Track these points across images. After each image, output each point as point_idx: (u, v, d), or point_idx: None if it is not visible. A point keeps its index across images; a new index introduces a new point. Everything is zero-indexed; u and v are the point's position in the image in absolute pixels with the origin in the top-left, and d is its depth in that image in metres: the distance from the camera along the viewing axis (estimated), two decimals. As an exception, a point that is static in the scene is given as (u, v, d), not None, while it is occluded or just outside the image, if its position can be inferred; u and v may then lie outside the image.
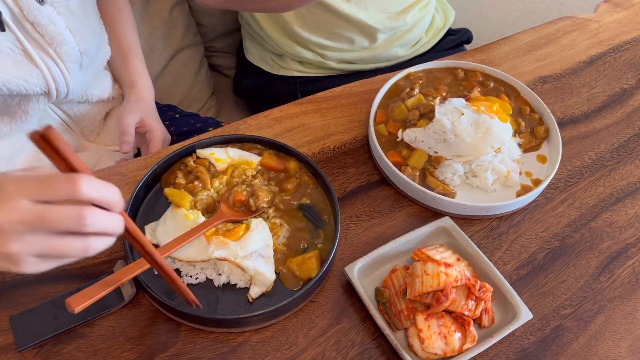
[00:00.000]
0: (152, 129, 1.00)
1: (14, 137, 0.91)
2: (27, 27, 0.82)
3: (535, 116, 0.98)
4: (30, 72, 0.83)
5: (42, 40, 0.84)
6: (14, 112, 0.88)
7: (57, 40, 0.85)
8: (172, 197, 0.80)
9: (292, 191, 0.83)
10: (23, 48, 0.82)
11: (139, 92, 1.06)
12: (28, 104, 0.88)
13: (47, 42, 0.84)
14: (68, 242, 0.51)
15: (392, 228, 0.85)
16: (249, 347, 0.72)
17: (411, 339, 0.72)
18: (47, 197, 0.50)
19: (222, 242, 0.74)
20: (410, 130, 0.91)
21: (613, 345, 0.76)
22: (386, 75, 1.05)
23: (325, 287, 0.78)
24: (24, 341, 0.69)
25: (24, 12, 0.80)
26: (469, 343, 0.71)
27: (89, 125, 1.03)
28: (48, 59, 0.85)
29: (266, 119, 0.96)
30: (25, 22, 0.81)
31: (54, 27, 0.84)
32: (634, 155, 0.99)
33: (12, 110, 0.87)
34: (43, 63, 0.84)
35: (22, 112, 0.88)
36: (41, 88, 0.86)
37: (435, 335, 0.70)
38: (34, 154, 0.95)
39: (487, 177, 0.88)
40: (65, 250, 0.51)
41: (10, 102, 0.86)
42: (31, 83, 0.84)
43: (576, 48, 1.17)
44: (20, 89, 0.83)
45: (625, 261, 0.85)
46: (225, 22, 1.51)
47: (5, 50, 0.80)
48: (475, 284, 0.72)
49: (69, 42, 0.87)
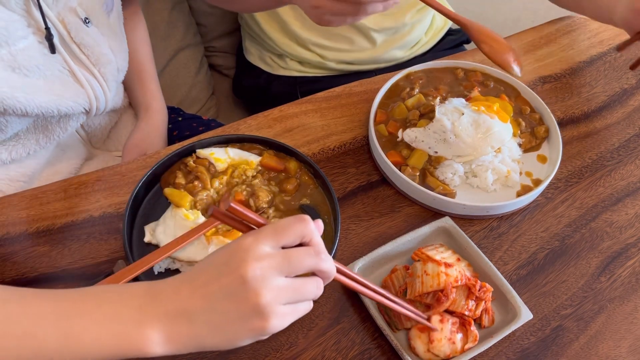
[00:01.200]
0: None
1: (39, 154, 0.92)
2: (74, 48, 0.83)
3: (536, 116, 0.98)
4: (77, 92, 0.85)
5: (88, 61, 0.85)
6: (52, 130, 0.89)
7: (102, 60, 0.86)
8: (172, 197, 0.80)
9: (292, 192, 0.83)
10: (70, 69, 0.83)
11: (152, 117, 1.07)
12: (68, 122, 0.89)
13: (92, 63, 0.86)
14: (306, 283, 0.53)
15: (392, 228, 0.85)
16: (249, 347, 0.72)
17: (413, 340, 0.71)
18: (284, 240, 0.51)
19: (222, 242, 0.74)
20: (411, 130, 0.91)
21: (613, 345, 0.76)
22: (386, 75, 1.05)
23: (325, 287, 0.77)
24: (23, 341, 0.68)
25: (71, 34, 0.82)
26: (471, 342, 0.71)
27: (98, 134, 1.04)
28: (92, 79, 0.86)
29: (266, 119, 0.96)
30: (72, 43, 0.82)
31: (99, 47, 0.85)
32: (634, 155, 0.99)
33: (50, 129, 0.88)
34: (87, 83, 0.86)
35: (61, 130, 0.89)
36: (85, 107, 0.87)
37: (445, 339, 0.70)
38: (50, 167, 0.95)
39: (487, 177, 0.88)
40: (305, 292, 0.52)
41: (50, 122, 0.87)
42: (78, 103, 0.85)
43: (576, 48, 1.17)
44: (68, 109, 0.84)
45: (626, 261, 0.85)
46: (225, 22, 1.51)
47: (56, 73, 0.81)
48: (475, 284, 0.72)
49: (111, 61, 0.88)
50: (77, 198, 0.83)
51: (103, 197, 0.84)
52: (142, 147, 1.03)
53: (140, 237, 0.78)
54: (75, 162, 0.99)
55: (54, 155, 0.96)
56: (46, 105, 0.80)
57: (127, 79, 1.09)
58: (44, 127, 0.87)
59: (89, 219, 0.81)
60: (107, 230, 0.80)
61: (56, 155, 0.96)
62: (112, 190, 0.85)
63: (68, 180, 0.85)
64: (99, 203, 0.83)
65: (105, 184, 0.85)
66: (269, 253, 0.50)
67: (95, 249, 0.78)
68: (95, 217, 0.81)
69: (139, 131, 1.05)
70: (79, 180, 0.85)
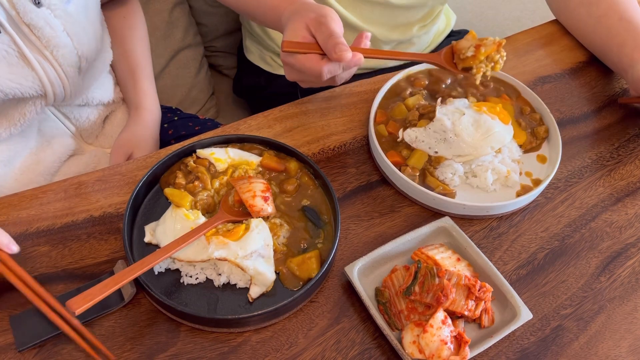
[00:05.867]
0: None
1: (12, 140, 0.91)
2: (24, 29, 0.81)
3: (536, 116, 0.98)
4: (25, 74, 0.83)
5: (39, 42, 0.83)
6: (11, 115, 0.88)
7: (54, 43, 0.84)
8: (173, 197, 0.80)
9: (292, 192, 0.83)
10: (19, 50, 0.82)
11: (142, 116, 1.07)
12: (24, 106, 0.87)
13: (44, 45, 0.84)
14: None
15: (392, 228, 0.85)
16: (249, 347, 0.72)
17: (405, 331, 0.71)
18: None
19: (222, 242, 0.74)
20: (411, 130, 0.91)
21: (613, 345, 0.76)
22: (386, 75, 1.05)
23: (325, 287, 0.78)
24: (24, 341, 0.69)
25: (20, 14, 0.80)
26: (458, 358, 0.69)
27: (88, 128, 1.03)
28: (45, 62, 0.85)
29: (266, 119, 0.97)
30: (22, 24, 0.81)
31: (50, 30, 0.83)
32: (634, 155, 0.99)
33: (9, 113, 0.87)
34: (39, 66, 0.84)
35: (20, 115, 0.88)
36: (37, 91, 0.86)
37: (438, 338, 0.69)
38: (32, 157, 0.95)
39: (487, 177, 0.88)
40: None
41: (7, 105, 0.86)
42: (26, 86, 0.84)
43: (576, 48, 1.17)
44: (15, 91, 0.83)
45: (625, 261, 0.85)
46: (226, 22, 1.51)
47: (1, 53, 0.80)
48: (475, 284, 0.72)
49: (67, 45, 0.86)
50: (77, 198, 0.83)
51: (103, 197, 0.84)
52: (128, 147, 1.02)
53: (140, 237, 0.78)
54: (60, 154, 0.98)
55: (37, 145, 0.95)
56: None
57: (120, 76, 1.09)
58: (4, 111, 0.86)
59: (89, 219, 0.81)
60: (107, 230, 0.80)
61: (40, 145, 0.96)
62: (112, 190, 0.85)
63: (68, 180, 0.85)
64: (99, 203, 0.83)
65: (105, 184, 0.85)
66: None
67: (95, 249, 0.78)
68: (95, 217, 0.82)
69: (126, 131, 1.05)
70: (79, 180, 0.85)
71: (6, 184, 0.91)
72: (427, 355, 0.68)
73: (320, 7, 0.84)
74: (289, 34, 0.83)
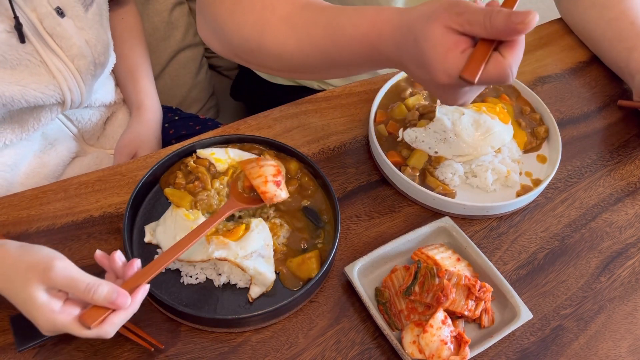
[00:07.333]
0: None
1: (18, 145, 0.92)
2: (46, 39, 0.83)
3: (536, 116, 0.98)
4: (47, 82, 0.85)
5: (61, 51, 0.85)
6: (26, 121, 0.89)
7: (75, 52, 0.86)
8: (173, 197, 0.80)
9: (292, 192, 0.83)
10: (41, 59, 0.83)
11: (143, 115, 1.07)
12: (41, 113, 0.89)
13: (66, 54, 0.85)
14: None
15: (392, 228, 0.85)
16: (249, 347, 0.72)
17: (405, 332, 0.71)
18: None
19: (222, 242, 0.74)
20: (411, 130, 0.91)
21: (613, 345, 0.76)
22: (386, 75, 1.05)
23: (325, 287, 0.78)
24: (24, 341, 0.69)
25: (44, 24, 0.82)
26: (458, 358, 0.69)
27: (90, 130, 1.04)
28: (65, 70, 0.86)
29: (266, 119, 0.97)
30: (45, 34, 0.82)
31: (72, 39, 0.85)
32: (634, 155, 0.99)
33: (24, 119, 0.88)
34: (60, 74, 0.86)
35: (34, 121, 0.89)
36: (57, 99, 0.87)
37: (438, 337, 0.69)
38: (37, 160, 0.95)
39: (487, 177, 0.88)
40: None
41: (23, 111, 0.87)
42: (47, 95, 0.85)
43: (576, 48, 1.17)
44: (37, 100, 0.84)
45: (625, 261, 0.85)
46: (226, 23, 1.51)
47: (24, 62, 0.81)
48: (475, 284, 0.72)
49: (87, 55, 0.88)
50: (77, 198, 0.83)
51: (103, 197, 0.84)
52: (131, 147, 1.02)
53: (140, 237, 0.78)
54: (64, 157, 0.98)
55: (42, 148, 0.96)
56: (10, 95, 0.80)
57: (120, 77, 1.09)
58: (18, 117, 0.87)
59: (89, 219, 0.81)
60: (107, 230, 0.80)
61: (44, 148, 0.96)
62: (112, 190, 0.85)
63: (68, 180, 0.85)
64: (99, 203, 0.83)
65: (105, 184, 0.85)
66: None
67: (95, 249, 0.78)
68: (95, 217, 0.82)
69: (129, 131, 1.05)
70: (79, 180, 0.85)
71: (12, 188, 0.91)
72: (427, 355, 0.68)
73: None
74: (432, 54, 0.60)
